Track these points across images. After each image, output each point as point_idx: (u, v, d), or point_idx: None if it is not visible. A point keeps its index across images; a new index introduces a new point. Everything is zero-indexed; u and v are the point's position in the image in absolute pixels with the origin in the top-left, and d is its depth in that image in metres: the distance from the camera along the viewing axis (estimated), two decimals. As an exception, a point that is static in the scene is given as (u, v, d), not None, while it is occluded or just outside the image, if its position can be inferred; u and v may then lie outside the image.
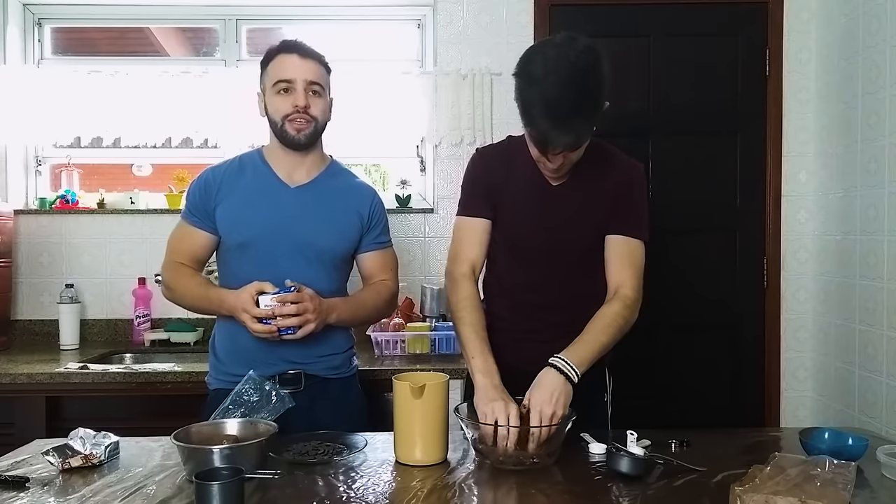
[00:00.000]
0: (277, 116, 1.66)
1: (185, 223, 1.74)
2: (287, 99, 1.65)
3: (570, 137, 1.39)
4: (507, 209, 1.62)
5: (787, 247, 2.85)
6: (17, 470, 1.31)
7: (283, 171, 1.73)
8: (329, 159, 1.81)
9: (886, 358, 2.33)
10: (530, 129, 1.42)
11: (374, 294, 1.78)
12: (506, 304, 1.68)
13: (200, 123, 2.80)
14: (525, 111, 1.40)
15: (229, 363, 1.71)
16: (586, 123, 1.39)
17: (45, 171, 2.99)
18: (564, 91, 1.34)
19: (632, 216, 1.60)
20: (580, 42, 1.37)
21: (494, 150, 1.69)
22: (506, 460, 1.34)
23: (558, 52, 1.36)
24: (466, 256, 1.62)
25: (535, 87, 1.36)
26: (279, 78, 1.65)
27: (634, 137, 2.81)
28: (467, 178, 1.67)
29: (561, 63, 1.34)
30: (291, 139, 1.67)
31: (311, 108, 1.66)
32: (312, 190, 1.73)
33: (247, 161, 1.76)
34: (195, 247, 1.73)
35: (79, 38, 3.13)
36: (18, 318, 2.81)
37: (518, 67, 1.42)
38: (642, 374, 2.79)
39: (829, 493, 1.06)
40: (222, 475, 1.10)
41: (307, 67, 1.66)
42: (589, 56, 1.35)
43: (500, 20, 2.82)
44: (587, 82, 1.35)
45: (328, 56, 1.72)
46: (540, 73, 1.36)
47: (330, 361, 1.74)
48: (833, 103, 2.67)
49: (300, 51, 1.67)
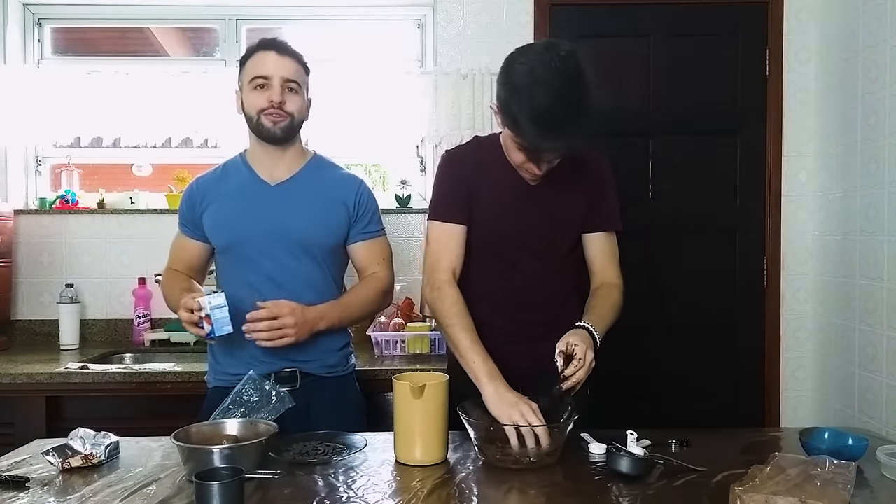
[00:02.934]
0: (253, 111, 1.68)
1: (180, 234, 1.79)
2: (262, 94, 1.66)
3: (563, 145, 1.40)
4: (483, 211, 1.60)
5: (787, 247, 2.84)
6: (17, 470, 1.31)
7: (263, 171, 1.74)
8: (311, 154, 1.81)
9: (886, 358, 2.33)
10: (521, 140, 1.41)
11: (366, 289, 1.77)
12: (486, 308, 1.63)
13: (200, 123, 2.80)
14: (514, 123, 1.39)
15: (226, 362, 1.71)
16: (580, 130, 1.39)
17: (45, 171, 2.99)
18: (556, 102, 1.33)
19: (609, 212, 1.65)
20: (562, 48, 1.36)
21: (465, 151, 1.66)
22: (506, 459, 1.34)
23: (542, 60, 1.35)
24: (447, 263, 1.59)
25: (524, 99, 1.35)
26: (256, 74, 1.66)
27: (634, 137, 2.81)
28: (440, 181, 1.64)
29: (548, 73, 1.33)
30: (268, 132, 1.67)
31: (286, 104, 1.67)
32: (293, 185, 1.74)
33: (230, 166, 1.79)
34: (190, 256, 1.77)
35: (79, 38, 3.13)
36: (18, 318, 2.81)
37: (502, 77, 1.40)
38: (642, 373, 2.79)
39: (829, 493, 1.06)
40: (222, 475, 1.10)
41: (284, 65, 1.67)
42: (573, 62, 1.35)
43: (499, 20, 2.81)
44: (576, 90, 1.35)
45: (328, 56, 1.73)
46: (528, 84, 1.34)
47: (326, 360, 1.74)
48: (833, 103, 2.67)
49: (278, 48, 1.68)
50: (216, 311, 1.54)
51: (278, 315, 1.56)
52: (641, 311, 1.63)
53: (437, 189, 1.64)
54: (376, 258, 1.80)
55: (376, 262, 1.80)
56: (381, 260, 1.81)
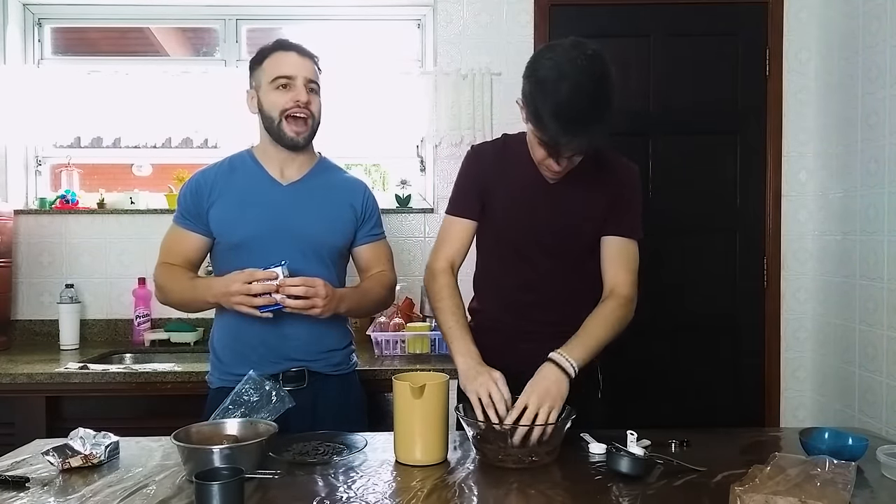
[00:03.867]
0: (275, 111, 1.66)
1: (177, 227, 1.74)
2: (286, 94, 1.65)
3: (583, 142, 1.41)
4: (502, 207, 1.63)
5: (787, 247, 2.85)
6: (17, 470, 1.31)
7: (274, 169, 1.73)
8: (318, 156, 1.82)
9: (886, 358, 2.33)
10: (542, 134, 1.42)
11: (376, 284, 1.79)
12: (500, 304, 1.69)
13: (200, 123, 2.80)
14: (536, 117, 1.41)
15: (230, 362, 1.70)
16: (600, 128, 1.40)
17: (45, 171, 2.99)
18: (579, 97, 1.35)
19: (628, 218, 1.62)
20: (588, 47, 1.39)
21: (490, 147, 1.70)
22: (506, 458, 1.34)
23: (569, 57, 1.37)
24: (446, 253, 1.66)
25: (548, 93, 1.37)
26: (279, 74, 1.66)
27: (634, 137, 2.81)
28: (461, 175, 1.69)
29: (573, 69, 1.35)
30: (290, 140, 1.68)
31: (311, 103, 1.67)
32: (305, 186, 1.74)
33: (237, 161, 1.77)
34: (188, 250, 1.74)
35: (79, 38, 3.13)
36: (18, 318, 2.81)
37: (528, 72, 1.42)
38: (642, 374, 2.79)
39: (829, 493, 1.06)
40: (222, 475, 1.10)
41: (306, 66, 1.68)
42: (599, 61, 1.38)
43: (499, 20, 2.82)
44: (600, 88, 1.37)
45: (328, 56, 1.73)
46: (553, 78, 1.36)
47: (330, 358, 1.75)
48: (833, 103, 2.67)
49: (298, 49, 1.69)
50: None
51: (313, 285, 1.56)
52: (641, 311, 1.61)
53: (457, 182, 1.70)
54: (381, 259, 1.83)
55: (381, 263, 1.82)
56: (385, 261, 1.84)
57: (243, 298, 1.53)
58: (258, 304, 1.53)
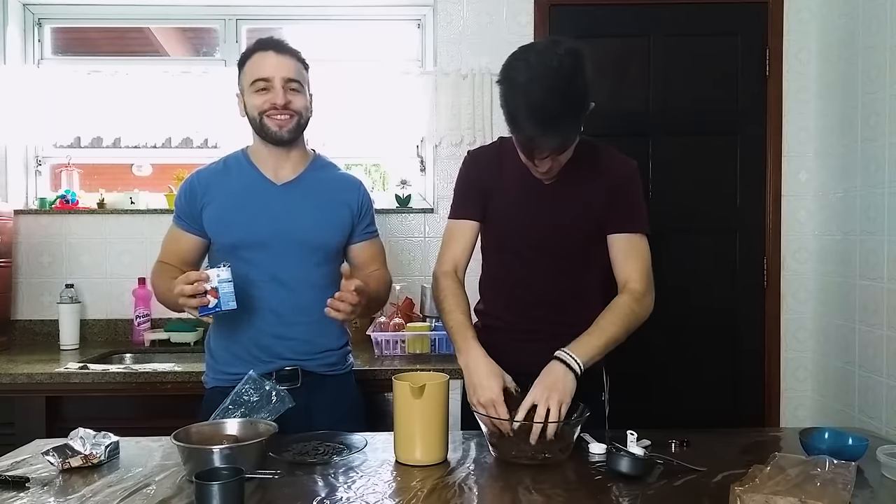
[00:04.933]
0: (255, 113, 1.67)
1: (175, 227, 1.75)
2: (264, 97, 1.65)
3: (555, 141, 1.41)
4: (501, 209, 1.64)
5: (787, 247, 2.84)
6: (17, 470, 1.31)
7: (268, 170, 1.73)
8: (313, 154, 1.81)
9: (886, 358, 2.33)
10: (516, 134, 1.44)
11: (375, 283, 1.78)
12: (503, 305, 1.70)
13: (200, 123, 2.80)
14: (510, 117, 1.42)
15: (225, 362, 1.70)
16: (571, 126, 1.40)
17: (45, 171, 2.99)
18: (547, 96, 1.35)
19: (630, 213, 1.61)
20: (562, 45, 1.38)
21: (486, 151, 1.72)
22: (520, 455, 1.35)
23: (540, 57, 1.37)
24: (450, 257, 1.67)
25: (518, 93, 1.37)
26: (256, 77, 1.65)
27: (634, 137, 2.81)
28: (459, 180, 1.71)
29: (542, 68, 1.35)
30: (273, 135, 1.67)
31: (291, 103, 1.66)
32: (300, 185, 1.73)
33: (232, 162, 1.76)
34: (184, 250, 1.74)
35: (79, 38, 3.13)
36: (18, 318, 2.81)
37: (501, 74, 1.43)
38: (642, 374, 2.79)
39: (829, 493, 1.06)
40: (222, 475, 1.10)
41: (284, 65, 1.66)
42: (571, 59, 1.36)
43: (499, 20, 2.82)
44: (569, 86, 1.36)
45: (327, 56, 1.72)
46: (522, 79, 1.37)
47: (326, 358, 1.74)
48: (833, 103, 2.67)
49: (276, 48, 1.67)
50: (224, 285, 1.50)
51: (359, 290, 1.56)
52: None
53: (456, 187, 1.72)
54: (375, 257, 1.83)
55: (376, 262, 1.83)
56: (381, 259, 1.85)
57: (183, 300, 1.50)
58: (193, 305, 1.50)
